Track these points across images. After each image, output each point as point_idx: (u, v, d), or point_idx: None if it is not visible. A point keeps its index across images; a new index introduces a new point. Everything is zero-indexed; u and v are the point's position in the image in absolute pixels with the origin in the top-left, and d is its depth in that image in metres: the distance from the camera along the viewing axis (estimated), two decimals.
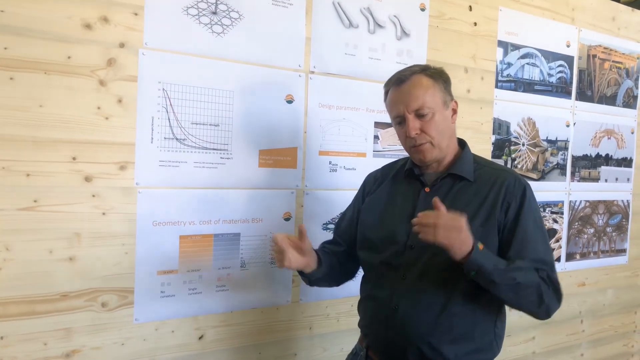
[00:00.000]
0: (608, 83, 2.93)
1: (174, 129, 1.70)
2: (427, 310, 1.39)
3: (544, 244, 1.42)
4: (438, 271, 1.38)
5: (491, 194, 1.41)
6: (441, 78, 1.45)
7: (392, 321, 1.43)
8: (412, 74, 1.43)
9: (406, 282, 1.42)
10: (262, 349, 1.94)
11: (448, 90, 1.46)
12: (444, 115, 1.43)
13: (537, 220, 1.42)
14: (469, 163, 1.48)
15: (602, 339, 3.05)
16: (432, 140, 1.43)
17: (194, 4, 1.71)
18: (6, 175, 1.47)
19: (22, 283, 1.51)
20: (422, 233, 1.28)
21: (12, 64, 1.46)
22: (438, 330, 1.38)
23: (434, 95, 1.42)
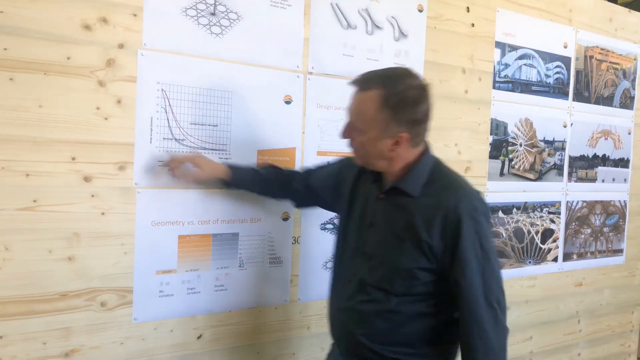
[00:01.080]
0: (605, 84, 2.94)
1: (172, 130, 1.71)
2: (363, 313, 1.42)
3: (483, 279, 1.32)
4: (381, 278, 1.40)
5: (429, 216, 1.34)
6: (395, 106, 1.32)
7: (336, 321, 1.51)
8: (368, 89, 1.35)
9: (350, 285, 1.45)
10: (260, 348, 1.95)
11: (397, 120, 1.33)
12: (373, 142, 1.36)
13: (479, 252, 1.33)
14: (419, 178, 1.39)
15: (599, 339, 3.07)
16: (357, 151, 1.42)
17: (193, 5, 1.72)
18: (5, 175, 1.47)
19: (22, 283, 1.51)
20: None
21: (11, 64, 1.46)
22: (373, 332, 1.41)
23: (369, 121, 1.34)
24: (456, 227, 1.32)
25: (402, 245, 1.36)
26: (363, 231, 1.46)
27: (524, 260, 2.65)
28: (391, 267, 1.38)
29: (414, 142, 1.39)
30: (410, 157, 1.41)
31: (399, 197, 1.40)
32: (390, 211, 1.41)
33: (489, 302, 1.32)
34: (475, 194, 1.40)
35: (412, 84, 1.35)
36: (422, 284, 1.37)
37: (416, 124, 1.37)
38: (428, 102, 1.38)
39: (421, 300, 1.39)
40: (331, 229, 2.04)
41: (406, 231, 1.36)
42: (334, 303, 1.53)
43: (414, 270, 1.36)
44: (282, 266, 1.95)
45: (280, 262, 1.95)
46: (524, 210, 2.64)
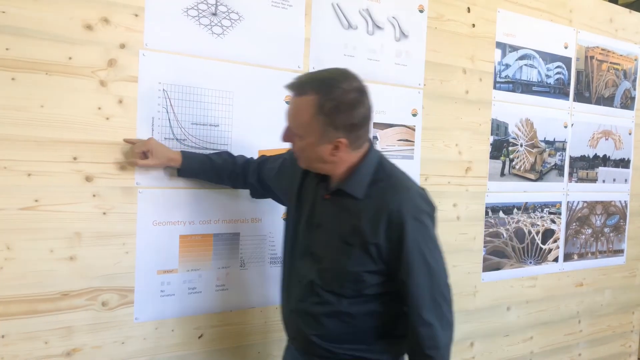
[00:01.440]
0: (606, 84, 2.94)
1: (174, 129, 1.71)
2: (315, 314, 1.43)
3: (429, 277, 1.35)
4: (329, 281, 1.41)
5: (373, 218, 1.35)
6: (330, 113, 1.30)
7: (289, 322, 1.53)
8: (303, 94, 1.32)
9: (301, 287, 1.46)
10: (261, 348, 1.95)
11: (334, 126, 1.31)
12: (313, 147, 1.35)
13: (425, 252, 1.35)
14: (361, 179, 1.39)
15: (600, 339, 3.07)
16: (299, 155, 1.42)
17: (194, 5, 1.73)
18: (7, 175, 1.48)
19: (23, 282, 1.52)
20: None
21: (13, 64, 1.47)
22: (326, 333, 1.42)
23: (306, 127, 1.33)
24: (400, 229, 1.33)
25: (349, 249, 1.37)
26: (311, 232, 1.46)
27: (525, 260, 2.65)
28: (339, 271, 1.39)
29: (354, 146, 1.37)
30: (353, 159, 1.40)
31: (344, 199, 1.40)
32: (336, 213, 1.41)
33: (435, 298, 1.36)
34: (418, 193, 1.41)
35: (348, 87, 1.32)
36: (371, 286, 1.39)
37: (354, 129, 1.34)
38: (366, 104, 1.35)
39: (371, 300, 1.41)
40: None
41: (353, 235, 1.37)
42: (286, 305, 1.53)
43: (362, 274, 1.37)
44: None
45: (281, 262, 1.95)
46: (525, 210, 2.64)
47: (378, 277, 1.39)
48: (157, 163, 1.65)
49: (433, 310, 1.36)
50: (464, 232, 2.43)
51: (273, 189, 1.70)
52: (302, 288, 1.45)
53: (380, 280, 1.39)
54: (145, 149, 1.62)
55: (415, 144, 2.25)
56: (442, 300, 1.37)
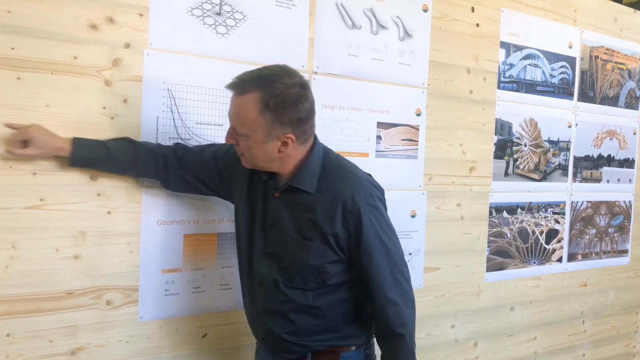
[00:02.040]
0: (610, 84, 2.93)
1: (178, 129, 1.71)
2: (283, 312, 1.45)
3: (388, 259, 1.42)
4: (292, 278, 1.43)
5: (328, 210, 1.38)
6: (275, 109, 1.30)
7: (257, 324, 1.54)
8: (246, 92, 1.32)
9: (264, 287, 1.47)
10: None
11: (281, 122, 1.32)
12: (260, 145, 1.35)
13: (382, 235, 1.41)
14: (311, 173, 1.41)
15: (604, 340, 3.06)
16: (245, 155, 1.41)
17: (199, 5, 1.73)
18: (13, 173, 1.48)
19: (28, 281, 1.52)
20: None
21: (19, 64, 1.47)
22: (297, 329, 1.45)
23: (252, 126, 1.32)
24: (357, 217, 1.38)
25: (308, 244, 1.40)
26: (266, 232, 1.47)
27: (528, 260, 2.65)
28: (301, 266, 1.42)
29: (301, 140, 1.38)
30: (300, 155, 1.41)
31: (296, 195, 1.42)
32: (290, 210, 1.43)
33: (396, 277, 1.43)
34: (367, 179, 1.46)
35: (290, 83, 1.32)
36: (334, 275, 1.43)
37: (301, 123, 1.35)
38: (309, 99, 1.37)
39: (335, 289, 1.45)
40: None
41: (310, 229, 1.40)
42: (252, 308, 1.54)
43: (324, 265, 1.41)
44: None
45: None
46: (529, 210, 2.63)
47: (340, 266, 1.43)
48: (39, 153, 1.47)
49: (396, 289, 1.43)
50: (468, 232, 2.43)
51: (208, 184, 1.62)
52: (265, 289, 1.47)
53: (342, 269, 1.44)
54: (24, 137, 1.44)
55: (419, 144, 2.25)
56: (402, 278, 1.44)
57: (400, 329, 1.42)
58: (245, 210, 1.52)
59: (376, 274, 1.41)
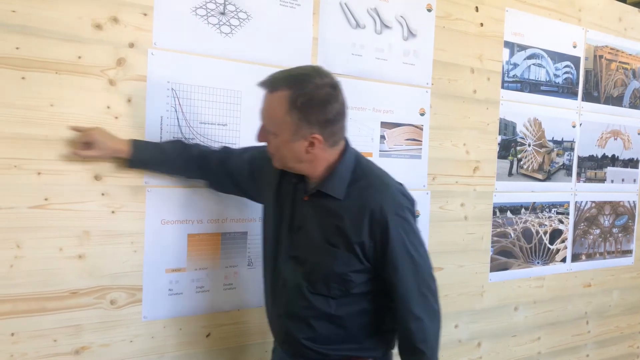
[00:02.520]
0: (615, 84, 2.93)
1: (182, 129, 1.71)
2: (305, 318, 1.43)
3: (415, 273, 1.37)
4: (316, 284, 1.41)
5: (356, 218, 1.35)
6: (302, 108, 1.30)
7: (277, 326, 1.52)
8: (276, 90, 1.33)
9: (287, 291, 1.46)
10: (269, 347, 1.93)
11: (307, 121, 1.31)
12: (287, 144, 1.34)
13: (409, 248, 1.37)
14: (341, 179, 1.38)
15: (608, 340, 3.05)
16: (274, 155, 1.41)
17: (203, 4, 1.73)
18: (18, 173, 1.48)
19: (33, 280, 1.52)
20: None
21: (23, 63, 1.47)
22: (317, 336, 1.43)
23: (280, 124, 1.33)
24: (384, 227, 1.34)
25: (334, 251, 1.38)
26: (293, 235, 1.45)
27: (532, 260, 2.64)
28: (325, 272, 1.39)
29: (329, 142, 1.36)
30: (330, 157, 1.39)
31: (324, 200, 1.39)
32: (317, 215, 1.40)
33: (421, 291, 1.38)
34: (398, 189, 1.42)
35: (320, 83, 1.32)
36: (358, 285, 1.40)
37: (329, 124, 1.34)
38: (340, 100, 1.35)
39: (359, 299, 1.42)
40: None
41: (336, 236, 1.37)
42: (274, 309, 1.52)
43: (348, 274, 1.38)
44: None
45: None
46: (533, 210, 2.63)
47: (364, 275, 1.40)
48: (100, 154, 1.55)
49: (421, 304, 1.38)
50: (472, 232, 2.43)
51: (243, 186, 1.66)
52: (289, 292, 1.45)
53: (367, 279, 1.40)
54: (87, 139, 1.52)
55: (422, 144, 2.25)
56: (428, 292, 1.40)
57: (421, 344, 1.37)
58: (273, 212, 1.52)
59: (401, 287, 1.37)
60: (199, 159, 1.64)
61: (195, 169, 1.66)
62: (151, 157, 1.62)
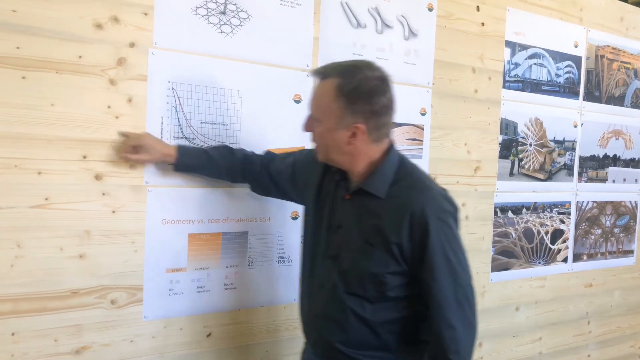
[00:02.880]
0: (616, 83, 2.92)
1: (183, 128, 1.71)
2: (339, 321, 1.42)
3: (453, 280, 1.34)
4: (352, 284, 1.40)
5: (396, 218, 1.34)
6: (349, 96, 1.31)
7: (311, 327, 1.52)
8: (326, 78, 1.36)
9: (323, 292, 1.45)
10: (269, 347, 1.95)
11: (352, 110, 1.32)
12: (330, 133, 1.35)
13: (448, 252, 1.34)
14: (383, 178, 1.38)
15: (609, 340, 3.05)
16: (318, 145, 1.42)
17: (203, 4, 1.73)
18: (18, 173, 1.48)
19: (33, 280, 1.52)
20: None
21: (24, 63, 1.47)
22: (350, 339, 1.41)
23: (325, 110, 1.35)
24: (424, 229, 1.32)
25: (371, 250, 1.36)
26: (332, 234, 1.45)
27: (534, 260, 2.64)
28: (361, 272, 1.38)
29: (373, 136, 1.36)
30: (373, 154, 1.39)
31: (365, 199, 1.39)
32: (357, 213, 1.40)
33: (458, 300, 1.35)
34: (441, 193, 1.40)
35: (370, 75, 1.34)
36: (394, 288, 1.37)
37: (374, 116, 1.34)
38: (387, 95, 1.36)
39: (395, 305, 1.40)
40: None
41: (375, 235, 1.36)
42: (309, 309, 1.52)
43: (384, 275, 1.36)
44: (291, 265, 1.95)
45: (289, 261, 1.95)
46: (534, 210, 2.62)
47: (401, 278, 1.37)
48: (150, 158, 1.61)
49: (457, 313, 1.34)
50: (473, 232, 2.42)
51: (286, 190, 1.69)
52: (325, 293, 1.44)
53: (403, 282, 1.37)
54: (137, 143, 1.58)
55: (423, 143, 2.24)
56: (465, 302, 1.36)
57: (453, 355, 1.33)
58: (313, 212, 1.52)
59: (438, 294, 1.33)
60: (243, 163, 1.69)
61: (239, 173, 1.70)
62: (197, 161, 1.66)
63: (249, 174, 1.70)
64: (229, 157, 1.68)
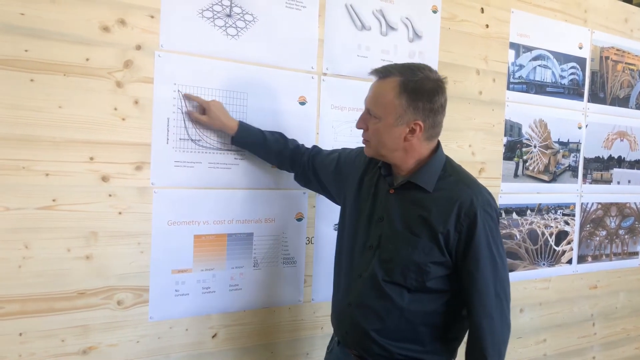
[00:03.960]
0: (621, 85, 2.92)
1: (188, 130, 1.72)
2: (376, 309, 1.43)
3: (494, 272, 1.38)
4: (392, 272, 1.42)
5: (443, 209, 1.38)
6: (412, 93, 1.37)
7: (344, 316, 1.51)
8: (387, 77, 1.40)
9: (361, 280, 1.47)
10: (274, 348, 1.96)
11: (414, 107, 1.38)
12: (389, 129, 1.40)
13: (492, 245, 1.38)
14: (432, 172, 1.43)
15: (614, 342, 3.04)
16: (370, 141, 1.45)
17: (209, 6, 1.74)
18: (26, 174, 1.50)
19: (41, 280, 1.54)
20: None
21: (32, 65, 1.49)
22: (385, 328, 1.43)
23: (387, 107, 1.39)
24: (472, 219, 1.37)
25: (415, 240, 1.39)
26: (371, 226, 1.48)
27: (538, 262, 2.64)
28: (404, 261, 1.40)
29: (428, 134, 1.43)
30: (423, 151, 1.45)
31: (412, 192, 1.43)
32: (402, 206, 1.44)
33: (497, 292, 1.38)
34: (486, 190, 1.45)
35: (430, 76, 1.41)
36: (434, 279, 1.40)
37: (432, 114, 1.40)
38: (444, 95, 1.43)
39: (433, 299, 1.42)
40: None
41: (420, 226, 1.39)
42: (344, 298, 1.53)
43: (428, 264, 1.39)
44: (295, 266, 1.96)
45: (294, 262, 1.96)
46: (538, 212, 2.62)
47: (442, 269, 1.40)
48: (210, 122, 1.70)
49: (496, 306, 1.38)
50: None
51: (325, 183, 1.74)
52: (363, 282, 1.46)
53: (444, 274, 1.40)
54: (205, 106, 1.69)
55: None
56: (504, 297, 1.40)
57: (490, 348, 1.37)
58: (353, 206, 1.56)
59: (480, 282, 1.37)
60: (293, 151, 1.77)
61: (287, 159, 1.78)
62: (253, 140, 1.74)
63: (296, 163, 1.77)
64: (282, 142, 1.77)
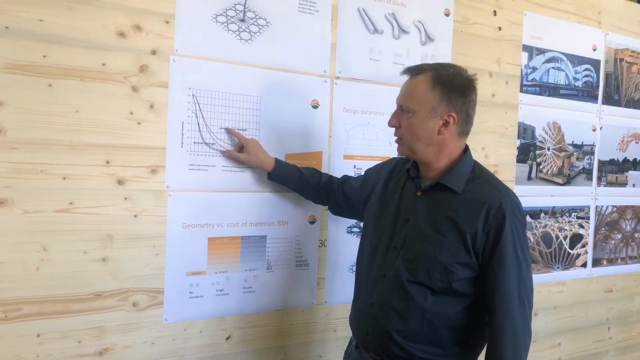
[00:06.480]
0: (636, 87, 2.89)
1: (203, 134, 1.74)
2: (398, 309, 1.43)
3: (518, 276, 1.37)
4: (417, 272, 1.41)
5: (472, 210, 1.39)
6: (445, 86, 1.39)
7: (366, 317, 1.51)
8: (420, 73, 1.43)
9: (385, 280, 1.47)
10: (287, 350, 1.96)
11: (448, 99, 1.39)
12: (423, 122, 1.41)
13: (518, 248, 1.38)
14: (461, 174, 1.44)
15: (630, 347, 3.00)
16: (403, 138, 1.46)
17: (223, 11, 1.76)
18: (44, 178, 1.52)
19: (58, 282, 1.56)
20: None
21: (50, 71, 1.51)
22: (407, 329, 1.42)
23: (420, 100, 1.40)
24: (500, 221, 1.37)
25: (441, 240, 1.39)
26: (397, 227, 1.49)
27: (552, 265, 2.62)
28: (429, 261, 1.40)
29: (460, 129, 1.43)
30: (454, 150, 1.46)
31: (440, 194, 1.44)
32: (428, 207, 1.45)
33: (521, 297, 1.37)
34: (514, 194, 1.46)
35: (462, 73, 1.44)
36: (459, 281, 1.39)
37: (465, 107, 1.42)
38: (476, 93, 1.45)
39: (457, 301, 1.41)
40: (357, 232, 2.05)
41: (447, 227, 1.39)
42: (367, 298, 1.52)
43: (453, 265, 1.38)
44: (309, 269, 1.97)
45: (307, 265, 1.96)
46: (552, 215, 2.60)
47: (468, 271, 1.40)
48: (248, 160, 1.76)
49: (519, 309, 1.37)
50: None
51: (353, 202, 1.76)
52: (386, 282, 1.46)
53: (469, 275, 1.40)
54: (244, 144, 1.76)
55: None
56: (527, 302, 1.39)
57: (511, 352, 1.35)
58: (378, 210, 1.57)
59: (504, 283, 1.36)
60: (326, 183, 1.82)
61: (322, 191, 1.82)
62: (289, 174, 1.80)
63: (328, 192, 1.82)
64: (316, 176, 1.82)
